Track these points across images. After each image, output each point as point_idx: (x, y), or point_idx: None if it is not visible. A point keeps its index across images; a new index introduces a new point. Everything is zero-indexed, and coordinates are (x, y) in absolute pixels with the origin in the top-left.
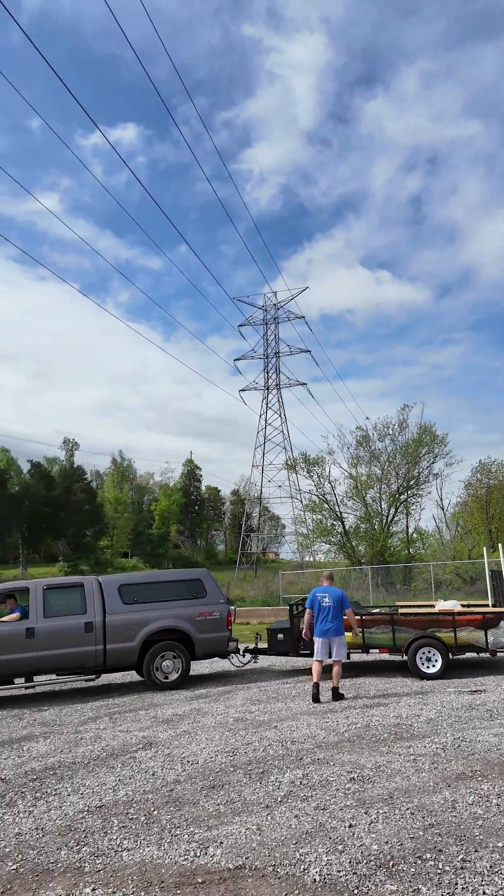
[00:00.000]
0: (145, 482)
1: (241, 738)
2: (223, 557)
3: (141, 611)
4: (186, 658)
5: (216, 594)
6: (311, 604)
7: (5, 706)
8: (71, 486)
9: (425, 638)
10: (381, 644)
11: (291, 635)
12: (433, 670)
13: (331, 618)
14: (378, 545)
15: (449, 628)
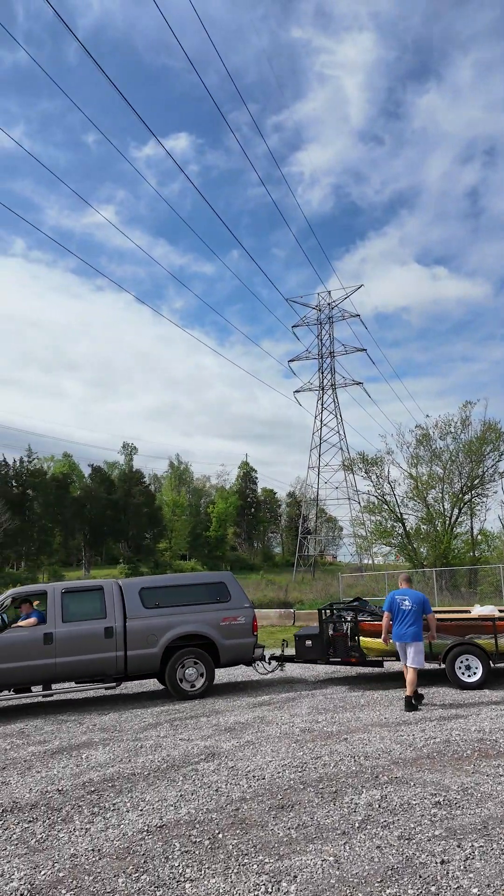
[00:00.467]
0: (202, 485)
1: (308, 750)
2: (280, 560)
3: (163, 615)
4: (210, 665)
5: (241, 598)
6: (390, 606)
7: (66, 710)
8: (130, 489)
9: (464, 645)
10: None
11: (321, 641)
12: (473, 679)
13: (410, 622)
14: (441, 547)
15: (489, 634)
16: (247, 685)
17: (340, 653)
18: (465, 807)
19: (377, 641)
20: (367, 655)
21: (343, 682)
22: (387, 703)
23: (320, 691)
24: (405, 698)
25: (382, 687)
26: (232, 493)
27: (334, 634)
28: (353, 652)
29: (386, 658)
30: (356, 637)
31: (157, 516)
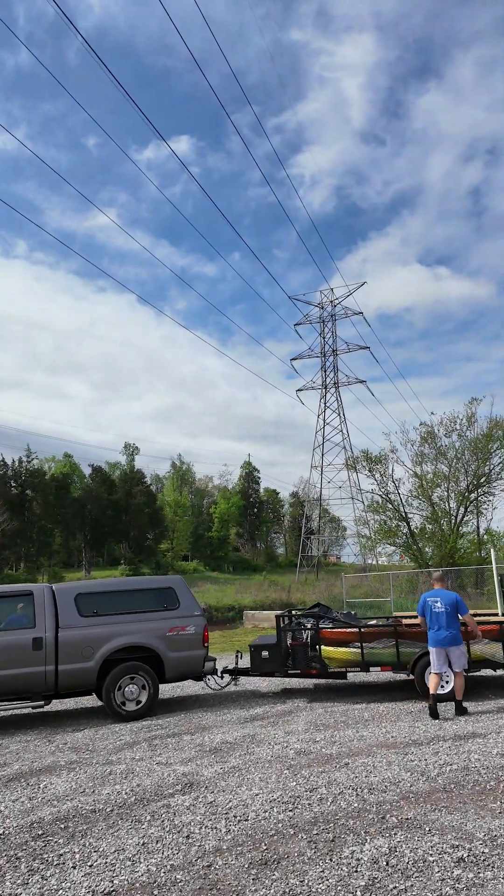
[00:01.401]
0: (204, 485)
1: (303, 779)
2: (283, 560)
3: (101, 625)
4: (154, 681)
5: (191, 605)
6: (423, 610)
7: (38, 724)
8: (131, 489)
9: None
10: (383, 661)
11: (278, 652)
12: (445, 690)
13: (445, 625)
14: (447, 547)
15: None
16: (239, 696)
17: (300, 664)
18: (497, 866)
19: (340, 651)
20: (328, 666)
21: (345, 692)
22: (393, 719)
23: (320, 704)
24: (455, 703)
25: (388, 698)
26: (234, 494)
27: (293, 644)
28: (314, 663)
29: (350, 669)
30: (317, 646)
31: (159, 517)
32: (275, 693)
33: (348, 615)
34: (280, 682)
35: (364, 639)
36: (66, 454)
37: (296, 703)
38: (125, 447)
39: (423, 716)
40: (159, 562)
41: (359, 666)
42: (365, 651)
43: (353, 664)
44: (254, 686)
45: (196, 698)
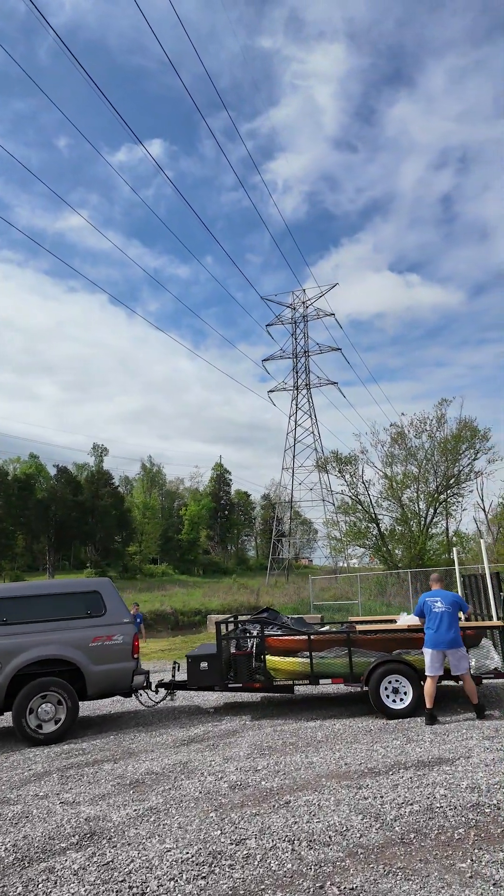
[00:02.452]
0: (175, 487)
1: (230, 826)
2: (254, 563)
3: (12, 635)
4: (73, 699)
5: (119, 612)
6: (421, 611)
7: None
8: (98, 490)
9: (391, 663)
10: (335, 672)
11: (219, 664)
12: (402, 705)
13: (446, 626)
14: (416, 548)
15: (421, 649)
16: (181, 713)
17: (242, 676)
18: None
19: (287, 661)
20: (274, 678)
21: (299, 707)
22: (350, 739)
23: (269, 721)
24: (475, 707)
25: (346, 713)
26: (205, 496)
27: (236, 654)
28: (258, 675)
29: (298, 682)
30: (262, 656)
31: (127, 519)
32: (221, 708)
33: (299, 621)
34: (229, 695)
35: (313, 647)
36: (31, 454)
37: (242, 721)
38: (94, 448)
39: (383, 735)
40: (127, 565)
41: (307, 678)
42: (314, 661)
43: (301, 676)
44: (201, 700)
45: (133, 715)
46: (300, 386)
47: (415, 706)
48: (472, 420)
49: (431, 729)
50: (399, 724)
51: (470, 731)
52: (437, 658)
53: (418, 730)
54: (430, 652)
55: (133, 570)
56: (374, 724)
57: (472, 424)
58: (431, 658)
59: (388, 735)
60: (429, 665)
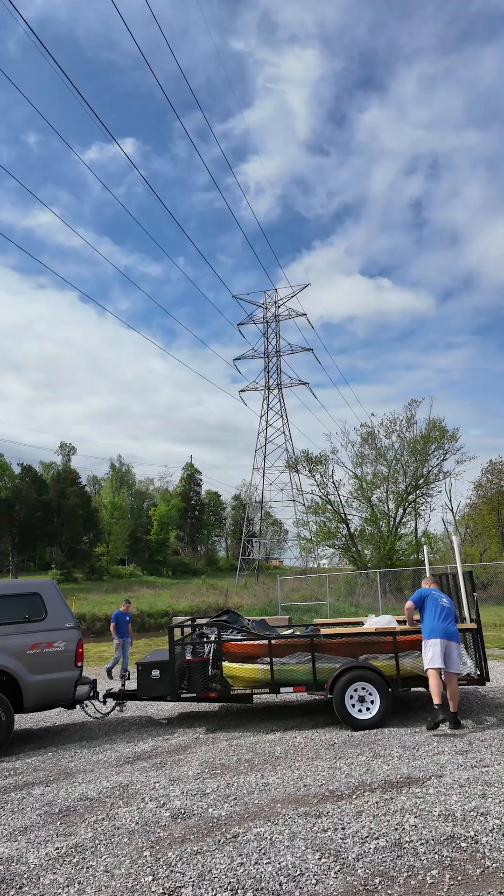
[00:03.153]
0: (145, 488)
1: (164, 871)
2: (225, 564)
3: None
4: (8, 712)
5: (62, 615)
6: (421, 600)
7: None
8: (64, 490)
9: (357, 669)
10: (297, 680)
11: (172, 672)
12: (368, 715)
13: (451, 617)
14: (385, 548)
15: (389, 654)
16: (132, 724)
17: (196, 685)
18: None
19: (246, 669)
20: (232, 687)
21: (258, 717)
22: (311, 755)
23: (225, 734)
24: (451, 717)
25: (309, 724)
26: (175, 496)
27: (190, 661)
28: (214, 683)
29: (257, 691)
30: (219, 663)
31: (94, 519)
32: (175, 720)
33: (261, 624)
34: (184, 704)
35: (274, 653)
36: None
37: (195, 734)
38: (61, 447)
39: (347, 749)
40: (94, 566)
41: (267, 686)
42: (275, 668)
43: (260, 684)
44: (155, 710)
45: (80, 727)
46: (271, 386)
47: (382, 716)
48: (441, 420)
49: (400, 741)
50: (365, 737)
51: (442, 745)
52: (440, 648)
53: (386, 743)
54: (436, 642)
55: (100, 571)
56: (339, 736)
57: (441, 425)
58: (435, 649)
59: (353, 749)
60: (432, 657)
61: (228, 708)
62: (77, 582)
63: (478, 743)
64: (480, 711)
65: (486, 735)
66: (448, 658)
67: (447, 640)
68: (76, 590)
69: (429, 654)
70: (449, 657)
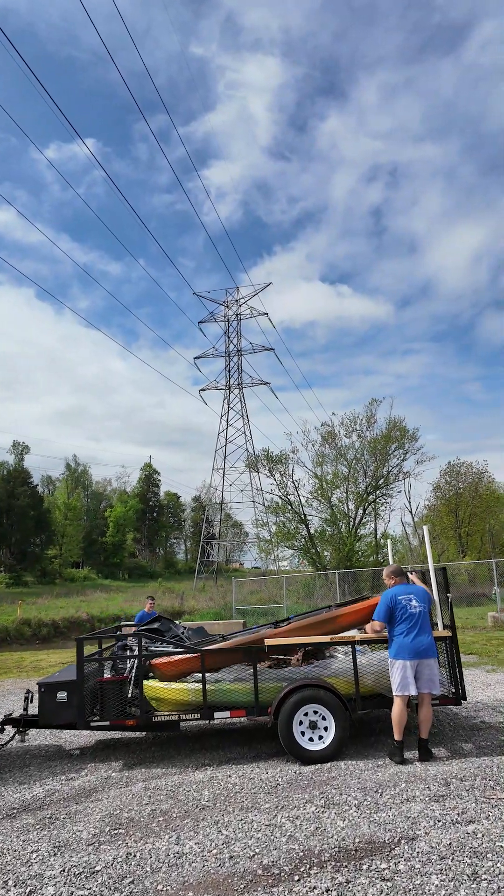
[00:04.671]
0: (102, 489)
1: None
2: (183, 567)
3: None
4: None
5: None
6: (389, 612)
7: None
8: (14, 490)
9: (308, 688)
10: (234, 702)
11: (80, 694)
12: (321, 745)
13: (423, 628)
14: (345, 549)
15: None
16: (35, 757)
17: (111, 711)
18: None
19: (173, 689)
20: (155, 712)
21: (190, 747)
22: (246, 803)
23: (145, 770)
24: (420, 745)
25: (251, 755)
26: (132, 497)
27: (103, 680)
28: (133, 708)
29: (185, 717)
30: (140, 682)
31: (46, 520)
32: (90, 750)
33: (198, 631)
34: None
35: (207, 665)
36: None
37: (108, 772)
38: (14, 446)
39: (293, 794)
40: (45, 569)
41: (198, 711)
42: (208, 687)
43: (191, 708)
44: (67, 738)
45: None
46: (232, 385)
47: (338, 745)
48: (402, 419)
49: (359, 781)
50: (317, 774)
51: (412, 786)
52: (410, 671)
53: (342, 783)
54: (404, 664)
55: (52, 574)
56: (285, 773)
57: (402, 424)
58: (404, 672)
59: (301, 794)
60: (401, 682)
61: (157, 734)
62: (27, 586)
63: (456, 783)
64: (455, 736)
65: (465, 770)
66: (421, 679)
67: (419, 660)
68: (25, 594)
69: (396, 679)
70: (421, 678)
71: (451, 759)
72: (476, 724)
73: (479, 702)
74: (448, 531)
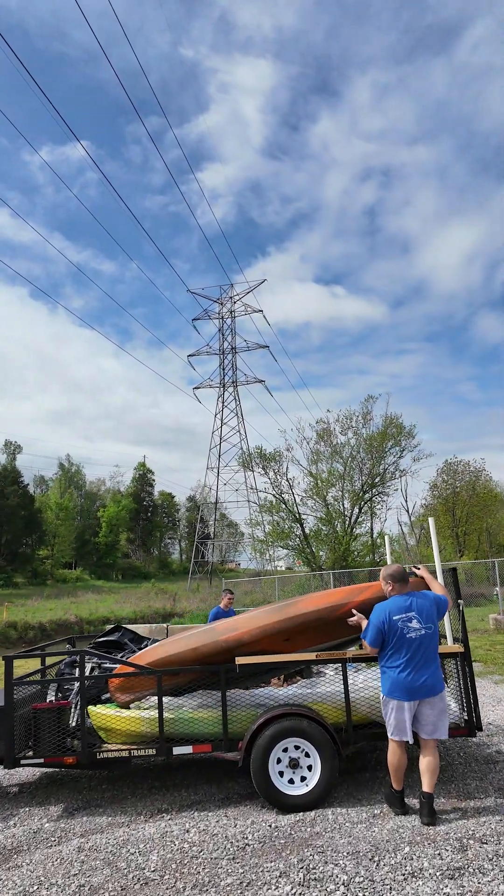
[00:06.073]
0: (96, 489)
1: None
2: (178, 567)
3: None
4: None
5: None
6: (380, 635)
7: None
8: (4, 489)
9: (287, 718)
10: (198, 734)
11: (9, 725)
12: (304, 790)
13: (426, 658)
14: (340, 549)
15: (335, 692)
16: None
17: (46, 745)
18: None
19: (125, 718)
20: (101, 745)
21: (149, 784)
22: (203, 878)
23: (87, 819)
24: (422, 796)
25: (219, 796)
26: (126, 496)
27: (39, 707)
28: (74, 740)
29: (139, 752)
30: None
31: (37, 520)
32: (28, 787)
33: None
34: None
35: (166, 688)
36: None
37: (41, 820)
38: (6, 445)
39: (264, 861)
40: (36, 570)
41: (153, 745)
42: (167, 715)
43: (145, 740)
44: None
45: None
46: (227, 383)
47: (324, 790)
48: (398, 416)
49: (350, 841)
50: (297, 828)
51: (417, 849)
52: (408, 714)
53: (327, 844)
54: (399, 705)
55: (44, 575)
56: (257, 825)
57: (398, 421)
58: (398, 713)
59: (274, 860)
60: (396, 726)
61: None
62: (17, 587)
63: (475, 847)
64: (467, 773)
65: (485, 826)
66: (422, 721)
67: (411, 701)
68: (14, 595)
69: (391, 721)
70: (423, 720)
71: (463, 806)
72: (491, 756)
73: (490, 724)
74: (445, 530)
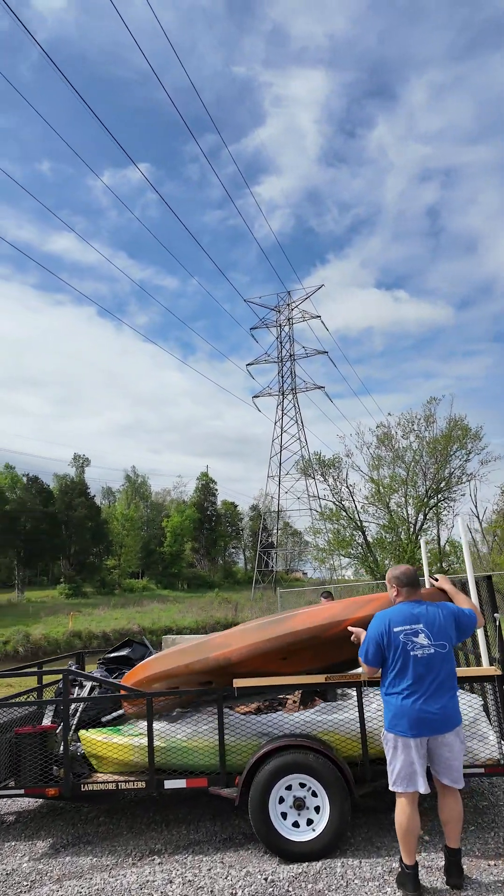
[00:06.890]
0: (162, 500)
1: None
2: (242, 576)
3: None
4: None
5: None
6: (380, 648)
7: None
8: (72, 501)
9: (292, 751)
10: (193, 765)
11: None
12: (311, 835)
13: (439, 684)
14: (405, 557)
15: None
16: None
17: (26, 773)
18: None
19: (118, 745)
20: (91, 775)
21: (141, 819)
22: None
23: (70, 860)
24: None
25: (219, 837)
26: (189, 506)
27: (21, 731)
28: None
29: (127, 786)
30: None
31: (104, 531)
32: (29, 814)
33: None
34: None
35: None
36: (7, 465)
37: (21, 859)
38: (74, 458)
39: None
40: (104, 579)
41: (143, 778)
42: (158, 744)
43: (136, 770)
44: None
45: None
46: (286, 391)
47: (334, 836)
48: (463, 418)
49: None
50: (297, 883)
51: None
52: (417, 754)
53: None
54: (405, 743)
55: (111, 584)
56: (252, 876)
57: (464, 423)
58: (406, 755)
59: None
60: (399, 770)
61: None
62: (86, 596)
63: None
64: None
65: None
66: (437, 763)
67: (420, 738)
68: (83, 604)
69: (395, 765)
70: (437, 761)
71: (501, 865)
72: None
73: None
74: None
